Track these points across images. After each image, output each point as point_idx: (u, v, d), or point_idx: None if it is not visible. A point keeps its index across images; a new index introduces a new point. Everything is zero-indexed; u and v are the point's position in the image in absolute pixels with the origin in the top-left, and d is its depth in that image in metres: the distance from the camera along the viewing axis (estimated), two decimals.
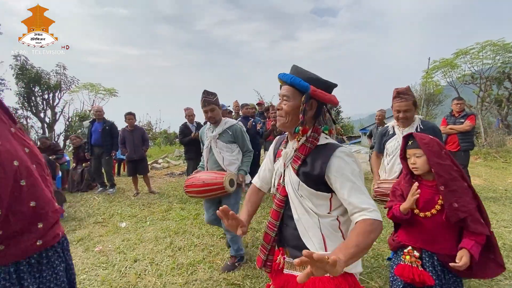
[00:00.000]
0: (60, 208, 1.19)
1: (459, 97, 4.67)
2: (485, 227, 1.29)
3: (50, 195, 1.16)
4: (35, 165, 1.14)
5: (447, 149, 1.33)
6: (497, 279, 2.25)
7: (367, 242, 0.87)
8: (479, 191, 4.98)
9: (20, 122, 14.91)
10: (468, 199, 1.30)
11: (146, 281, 2.29)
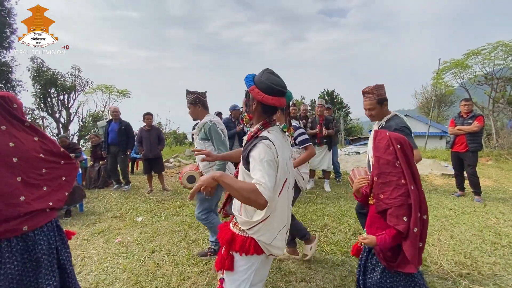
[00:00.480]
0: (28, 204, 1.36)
1: (467, 98, 4.70)
2: (401, 223, 1.33)
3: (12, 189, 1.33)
4: (17, 159, 1.37)
5: (401, 147, 1.38)
6: (499, 274, 2.32)
7: (242, 190, 1.13)
8: (488, 192, 4.98)
9: (36, 122, 15.49)
10: (396, 194, 1.36)
11: (164, 269, 2.46)
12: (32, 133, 1.49)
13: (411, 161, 1.40)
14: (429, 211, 3.85)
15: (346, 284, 2.21)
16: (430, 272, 2.38)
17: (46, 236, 1.45)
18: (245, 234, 1.30)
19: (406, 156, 1.39)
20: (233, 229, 1.36)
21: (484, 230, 3.24)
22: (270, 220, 1.27)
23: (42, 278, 1.40)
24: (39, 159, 1.46)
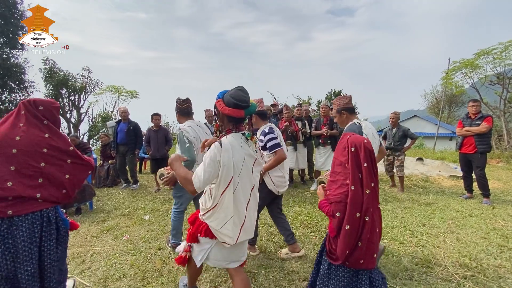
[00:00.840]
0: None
1: (474, 99, 4.63)
2: (333, 217, 1.50)
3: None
4: (16, 150, 1.57)
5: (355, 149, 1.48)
6: (504, 277, 2.30)
7: (180, 176, 1.55)
8: (497, 194, 4.90)
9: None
10: (338, 192, 1.51)
11: (170, 266, 2.52)
12: (45, 130, 1.67)
13: (361, 164, 1.47)
14: (436, 213, 3.82)
15: None
16: (434, 274, 2.38)
17: (30, 224, 1.56)
18: (202, 218, 1.68)
19: (357, 158, 1.47)
20: (198, 215, 1.74)
21: (491, 233, 3.20)
22: (218, 210, 1.59)
23: (19, 263, 1.53)
24: (39, 153, 1.62)
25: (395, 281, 2.27)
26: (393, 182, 5.42)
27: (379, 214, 1.52)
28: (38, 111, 1.69)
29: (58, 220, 1.70)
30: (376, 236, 1.48)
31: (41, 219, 1.60)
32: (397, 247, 2.86)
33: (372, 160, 1.49)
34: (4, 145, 1.55)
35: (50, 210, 1.66)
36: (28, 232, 1.55)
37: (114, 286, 2.24)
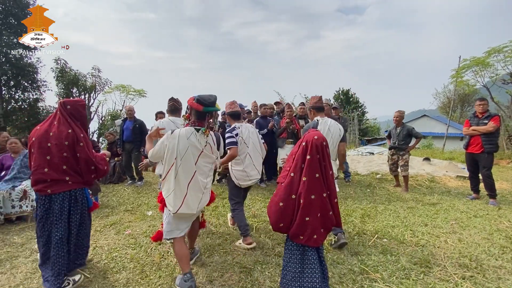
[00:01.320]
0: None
1: (481, 98, 4.52)
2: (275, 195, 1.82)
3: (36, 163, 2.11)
4: (50, 144, 2.10)
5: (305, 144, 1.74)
6: (504, 278, 2.26)
7: (147, 149, 2.23)
8: (505, 195, 4.79)
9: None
10: (282, 175, 1.87)
11: (168, 260, 2.57)
12: (69, 127, 2.17)
13: (305, 156, 1.72)
14: (440, 213, 3.77)
15: (344, 282, 2.23)
16: (432, 273, 2.35)
17: (61, 201, 2.14)
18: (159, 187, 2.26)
19: (304, 151, 1.74)
20: None
21: (495, 234, 3.13)
22: (165, 182, 2.09)
23: (53, 228, 2.12)
24: (63, 145, 2.12)
25: (392, 279, 2.26)
26: (398, 181, 5.35)
27: (324, 201, 1.74)
28: (66, 110, 2.20)
29: (84, 199, 2.25)
30: (317, 220, 1.73)
31: (69, 197, 2.17)
32: (397, 247, 2.84)
33: (320, 153, 1.72)
34: (42, 140, 2.10)
35: (77, 191, 2.22)
36: (59, 207, 2.12)
37: (113, 278, 2.31)
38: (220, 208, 4.06)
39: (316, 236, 1.73)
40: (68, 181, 2.14)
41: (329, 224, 1.81)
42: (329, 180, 1.79)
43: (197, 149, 2.08)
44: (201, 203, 2.16)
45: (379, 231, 3.22)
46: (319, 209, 1.73)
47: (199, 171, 2.11)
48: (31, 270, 2.45)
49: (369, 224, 3.45)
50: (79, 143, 2.15)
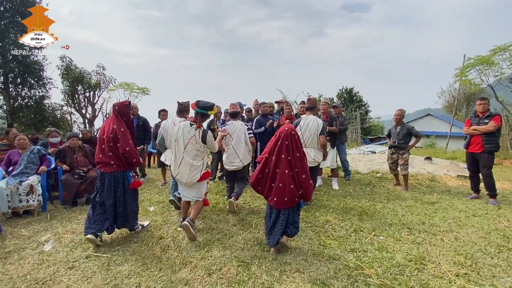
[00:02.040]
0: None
1: (482, 97, 4.51)
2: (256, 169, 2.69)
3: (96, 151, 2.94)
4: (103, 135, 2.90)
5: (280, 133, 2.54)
6: (498, 276, 2.30)
7: None
8: (506, 195, 4.79)
9: (65, 117, 16.52)
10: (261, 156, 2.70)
11: (169, 254, 2.65)
12: (114, 123, 2.88)
13: (277, 142, 2.52)
14: (438, 212, 3.80)
15: (338, 277, 2.28)
16: (426, 270, 2.39)
17: (109, 179, 2.89)
18: None
19: (277, 138, 2.55)
20: None
21: (492, 233, 3.16)
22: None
23: (105, 197, 2.89)
24: (109, 137, 2.83)
25: (386, 275, 2.30)
26: (398, 180, 5.37)
27: (285, 176, 2.46)
28: (115, 110, 2.94)
29: (125, 179, 2.96)
30: (279, 188, 2.48)
31: (114, 177, 2.91)
32: (393, 244, 2.88)
33: (288, 140, 2.49)
34: (101, 134, 2.91)
35: (119, 173, 2.92)
36: (108, 183, 2.88)
37: (116, 270, 2.39)
38: (221, 204, 4.14)
39: (276, 199, 2.50)
40: (113, 164, 2.86)
41: (289, 194, 2.46)
42: (296, 160, 2.48)
43: (186, 137, 2.98)
44: (190, 177, 3.00)
45: (376, 228, 3.27)
46: (281, 181, 2.46)
47: (186, 154, 2.99)
48: (38, 261, 2.55)
49: (367, 221, 3.49)
50: (117, 136, 2.82)
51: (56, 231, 3.23)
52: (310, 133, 3.88)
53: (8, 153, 4.02)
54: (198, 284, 2.18)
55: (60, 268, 2.43)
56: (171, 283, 2.19)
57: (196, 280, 2.23)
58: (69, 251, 2.74)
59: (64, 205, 4.08)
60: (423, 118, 26.23)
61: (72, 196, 4.05)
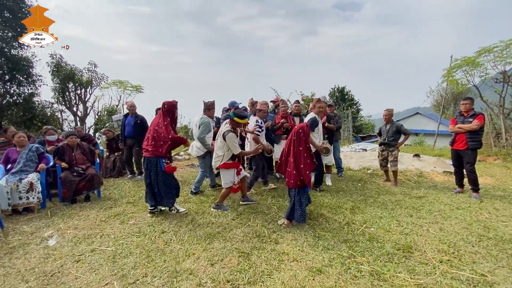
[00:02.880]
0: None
1: (466, 97, 4.77)
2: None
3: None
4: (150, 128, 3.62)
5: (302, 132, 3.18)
6: (478, 262, 2.51)
7: None
8: (488, 190, 5.07)
9: (55, 115, 16.25)
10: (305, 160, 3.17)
11: (172, 247, 2.77)
12: (160, 118, 3.54)
13: (291, 137, 3.24)
14: (425, 206, 4.03)
15: (333, 265, 2.45)
16: (413, 257, 2.59)
17: (146, 162, 3.52)
18: None
19: (291, 134, 3.29)
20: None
21: (474, 224, 3.39)
22: None
23: (145, 178, 3.59)
24: (152, 129, 3.48)
25: (376, 263, 2.49)
26: (387, 176, 5.61)
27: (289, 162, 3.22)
28: (164, 107, 3.55)
29: (158, 165, 3.47)
30: (287, 172, 3.25)
31: (149, 162, 3.49)
32: (383, 235, 3.07)
33: (295, 136, 3.18)
34: (150, 128, 3.54)
35: (153, 159, 3.47)
36: (145, 166, 3.54)
37: (122, 262, 2.50)
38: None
39: (287, 179, 3.27)
40: (150, 151, 3.43)
41: (293, 178, 3.16)
42: (298, 152, 3.14)
43: (220, 133, 3.71)
44: (213, 163, 3.82)
45: (368, 221, 3.46)
46: (289, 167, 3.21)
47: (215, 144, 3.79)
48: (43, 255, 2.63)
49: (358, 215, 3.69)
50: (161, 128, 3.46)
51: (58, 227, 3.30)
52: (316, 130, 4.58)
53: (7, 151, 4.04)
54: (202, 274, 2.31)
55: (67, 261, 2.53)
56: (176, 272, 2.32)
57: (200, 270, 2.36)
58: (73, 246, 2.83)
59: (63, 202, 4.14)
60: (412, 117, 26.87)
61: (71, 193, 4.11)
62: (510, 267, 2.43)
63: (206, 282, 2.19)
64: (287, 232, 3.11)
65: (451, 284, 2.18)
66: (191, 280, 2.22)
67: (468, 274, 2.30)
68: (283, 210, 3.79)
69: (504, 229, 3.24)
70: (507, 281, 2.22)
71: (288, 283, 2.17)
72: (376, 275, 2.31)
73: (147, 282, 2.20)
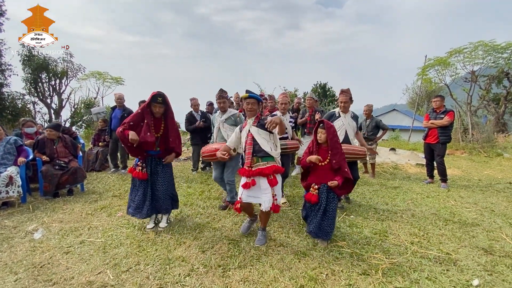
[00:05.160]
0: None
1: (437, 95, 5.15)
2: (345, 174, 2.64)
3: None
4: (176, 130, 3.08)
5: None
6: (444, 242, 2.80)
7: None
8: (455, 180, 5.52)
9: (27, 107, 15.36)
10: (341, 160, 2.64)
11: (162, 237, 2.84)
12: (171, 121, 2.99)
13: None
14: (399, 195, 4.33)
15: (316, 249, 2.64)
16: (388, 240, 2.84)
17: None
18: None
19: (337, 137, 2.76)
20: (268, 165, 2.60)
21: (442, 210, 3.73)
22: None
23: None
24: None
25: (356, 246, 2.70)
26: (366, 169, 5.94)
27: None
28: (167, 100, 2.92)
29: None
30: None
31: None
32: (361, 221, 3.32)
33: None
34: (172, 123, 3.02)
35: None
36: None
37: (113, 252, 2.54)
38: (206, 192, 4.35)
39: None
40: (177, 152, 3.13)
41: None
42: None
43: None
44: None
45: (347, 209, 3.70)
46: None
47: None
48: (30, 248, 2.61)
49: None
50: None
51: (42, 221, 3.25)
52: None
53: None
54: (194, 260, 2.41)
55: (55, 253, 2.53)
56: (169, 260, 2.40)
57: (191, 257, 2.46)
58: (61, 238, 2.82)
59: (45, 197, 4.04)
60: (389, 113, 28.06)
61: (53, 187, 4.02)
62: (471, 246, 2.73)
63: (198, 267, 2.30)
64: (273, 220, 3.26)
65: (420, 262, 2.43)
66: (184, 266, 2.31)
67: (435, 253, 2.58)
68: None
69: (468, 214, 3.60)
70: (468, 258, 2.51)
71: (276, 266, 2.32)
72: (355, 256, 2.52)
73: (140, 270, 2.27)
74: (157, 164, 2.97)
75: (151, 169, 2.94)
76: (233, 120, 3.54)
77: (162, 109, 2.85)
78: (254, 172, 2.54)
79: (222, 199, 3.84)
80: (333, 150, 2.64)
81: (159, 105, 2.81)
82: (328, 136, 2.65)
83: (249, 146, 2.63)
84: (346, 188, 2.78)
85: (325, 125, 2.66)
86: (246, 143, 2.67)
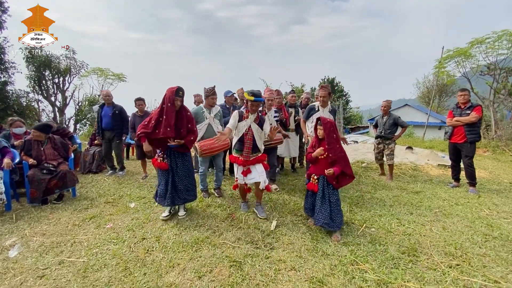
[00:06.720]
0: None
1: (463, 88, 4.59)
2: (342, 165, 2.77)
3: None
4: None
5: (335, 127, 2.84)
6: (489, 266, 2.32)
7: None
8: (483, 184, 4.99)
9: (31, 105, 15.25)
10: (337, 152, 2.77)
11: (154, 256, 2.44)
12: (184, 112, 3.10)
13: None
14: (423, 201, 3.82)
15: (335, 274, 2.21)
16: (420, 262, 2.38)
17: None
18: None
19: (336, 131, 2.84)
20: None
21: (477, 222, 3.24)
22: None
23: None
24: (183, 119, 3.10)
25: (382, 269, 2.26)
26: (383, 170, 5.44)
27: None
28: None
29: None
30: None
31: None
32: (384, 236, 2.86)
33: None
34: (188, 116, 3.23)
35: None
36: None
37: (94, 277, 2.16)
38: (207, 199, 3.95)
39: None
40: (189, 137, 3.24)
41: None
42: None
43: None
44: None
45: (367, 220, 3.24)
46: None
47: None
48: (1, 270, 2.24)
49: (357, 213, 3.47)
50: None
51: (23, 234, 2.90)
52: None
53: None
54: None
55: (28, 277, 2.16)
56: None
57: (185, 284, 2.06)
58: (38, 257, 2.46)
59: (32, 204, 3.69)
60: (402, 108, 27.11)
61: (41, 193, 3.67)
62: None
63: None
64: (282, 235, 2.84)
65: None
66: None
67: (481, 282, 2.11)
68: (277, 210, 3.52)
69: (508, 227, 3.10)
70: None
71: None
72: (383, 284, 2.08)
73: None
74: (176, 156, 3.12)
75: (170, 161, 3.10)
76: (219, 116, 3.99)
77: (181, 102, 3.01)
78: (253, 161, 3.13)
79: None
80: (329, 144, 2.78)
81: (180, 98, 2.96)
82: (325, 131, 2.80)
83: (249, 141, 3.09)
84: (343, 181, 2.88)
85: (322, 121, 2.84)
86: (246, 136, 3.10)
